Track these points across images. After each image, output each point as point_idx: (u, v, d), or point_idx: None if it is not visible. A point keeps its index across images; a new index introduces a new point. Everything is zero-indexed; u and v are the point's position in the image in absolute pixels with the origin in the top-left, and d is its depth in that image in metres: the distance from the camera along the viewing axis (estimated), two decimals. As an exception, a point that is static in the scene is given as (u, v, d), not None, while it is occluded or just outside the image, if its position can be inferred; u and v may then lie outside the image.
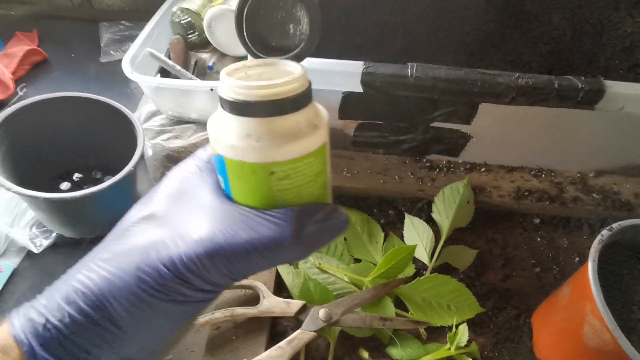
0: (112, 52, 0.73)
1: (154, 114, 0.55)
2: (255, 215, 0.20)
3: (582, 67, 0.60)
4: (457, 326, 0.38)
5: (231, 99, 0.19)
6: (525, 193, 0.48)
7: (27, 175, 0.43)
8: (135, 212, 0.22)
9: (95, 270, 0.19)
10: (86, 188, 0.50)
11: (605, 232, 0.32)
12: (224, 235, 0.19)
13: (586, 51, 0.61)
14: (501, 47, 0.62)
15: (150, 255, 0.19)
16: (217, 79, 0.55)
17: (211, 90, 0.44)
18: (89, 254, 0.21)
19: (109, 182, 0.39)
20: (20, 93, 0.64)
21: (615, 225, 0.32)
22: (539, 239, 0.49)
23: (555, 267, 0.47)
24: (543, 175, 0.51)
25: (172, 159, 0.50)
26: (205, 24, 0.51)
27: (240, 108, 0.19)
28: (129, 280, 0.19)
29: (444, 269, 0.45)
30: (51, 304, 0.19)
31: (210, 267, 0.19)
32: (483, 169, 0.51)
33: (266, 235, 0.19)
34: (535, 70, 0.61)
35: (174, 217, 0.21)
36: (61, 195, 0.37)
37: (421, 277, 0.42)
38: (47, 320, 0.18)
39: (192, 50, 0.56)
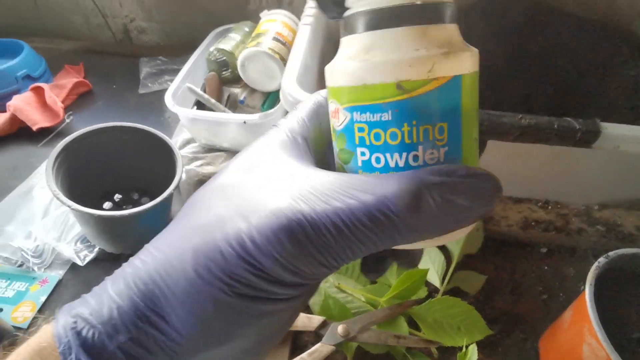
0: (149, 85, 0.79)
1: (188, 142, 0.60)
2: (357, 179, 0.16)
3: (586, 107, 0.63)
4: (467, 347, 0.41)
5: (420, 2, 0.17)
6: (532, 223, 0.51)
7: (77, 194, 0.49)
8: (204, 186, 0.18)
9: (152, 253, 0.16)
10: (125, 208, 0.55)
11: (602, 260, 0.35)
12: (309, 204, 0.15)
13: (590, 92, 0.65)
14: (508, 85, 0.66)
15: (213, 232, 0.15)
16: (248, 112, 0.61)
17: (244, 122, 0.49)
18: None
19: (152, 203, 0.44)
20: (68, 120, 0.70)
21: (611, 254, 0.35)
22: (546, 267, 0.51)
23: (561, 294, 0.49)
24: (549, 207, 0.54)
25: (203, 184, 0.55)
26: (239, 63, 0.57)
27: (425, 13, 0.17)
28: (184, 266, 0.15)
29: (454, 292, 0.47)
30: (100, 294, 0.16)
31: (291, 247, 0.14)
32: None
33: (368, 201, 0.15)
34: (541, 108, 0.65)
35: (247, 186, 0.16)
36: (111, 213, 0.42)
37: (433, 299, 0.45)
38: (91, 314, 0.15)
39: (225, 85, 0.62)
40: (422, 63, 0.16)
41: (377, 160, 0.17)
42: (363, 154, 0.18)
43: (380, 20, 0.17)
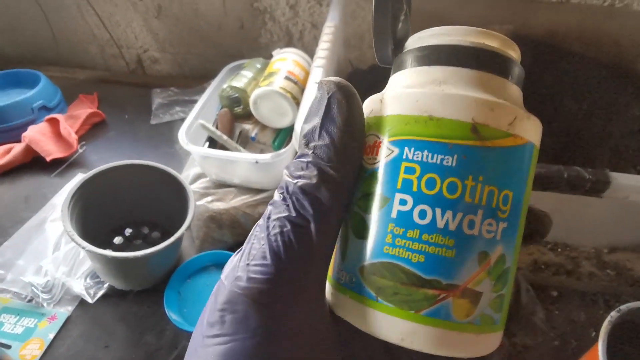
0: (161, 115, 0.81)
1: (199, 177, 0.61)
2: None
3: (593, 147, 0.64)
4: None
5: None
6: (542, 266, 0.51)
7: (90, 229, 0.49)
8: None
9: None
10: (135, 242, 0.55)
11: (614, 314, 0.35)
12: None
13: (597, 132, 0.66)
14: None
15: None
16: (259, 148, 0.62)
17: (256, 162, 0.50)
18: None
19: (164, 245, 0.44)
20: (80, 150, 0.72)
21: (623, 308, 0.35)
22: (557, 312, 0.51)
23: (573, 340, 0.48)
24: (559, 249, 0.54)
25: (215, 219, 0.56)
26: (251, 101, 0.58)
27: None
28: None
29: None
30: None
31: None
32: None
33: None
34: (548, 147, 0.66)
35: None
36: (125, 254, 0.42)
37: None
38: None
39: (237, 121, 0.63)
40: (505, 112, 0.14)
41: (422, 214, 0.14)
42: (404, 202, 0.15)
43: (458, 57, 0.15)
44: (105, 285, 0.51)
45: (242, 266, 0.15)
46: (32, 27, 0.90)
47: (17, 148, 0.67)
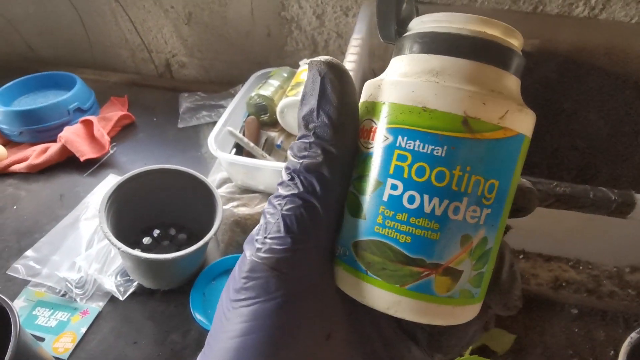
0: (187, 119, 0.83)
1: (225, 181, 0.63)
2: None
3: (617, 165, 0.64)
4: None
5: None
6: (563, 284, 0.51)
7: (122, 230, 0.51)
8: None
9: None
10: (163, 243, 0.58)
11: (634, 335, 0.35)
12: None
13: (622, 149, 0.65)
14: (539, 140, 0.67)
15: None
16: (284, 156, 0.64)
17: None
18: None
19: (192, 248, 0.46)
20: (111, 152, 0.74)
21: (646, 330, 0.35)
22: (576, 330, 0.51)
23: (591, 359, 0.48)
24: (580, 267, 0.54)
25: (239, 224, 0.57)
26: (278, 109, 0.60)
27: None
28: None
29: (482, 350, 0.47)
30: None
31: None
32: (521, 256, 0.55)
33: None
34: (571, 163, 0.66)
35: None
36: (157, 256, 0.44)
37: (461, 357, 0.45)
38: None
39: (263, 129, 0.65)
40: (497, 106, 0.15)
41: (411, 199, 0.15)
42: (394, 187, 0.16)
43: (456, 47, 0.16)
44: (135, 284, 0.53)
45: (261, 239, 0.17)
46: (68, 30, 0.94)
47: (53, 148, 0.70)
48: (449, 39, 0.16)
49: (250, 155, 0.61)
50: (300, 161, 0.17)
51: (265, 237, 0.17)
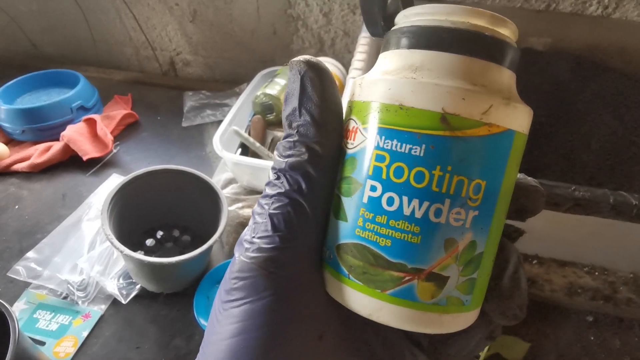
0: (192, 118, 0.82)
1: (230, 182, 0.62)
2: None
3: (632, 166, 0.62)
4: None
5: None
6: (579, 290, 0.50)
7: (124, 231, 0.50)
8: None
9: None
10: (166, 245, 0.56)
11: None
12: None
13: (637, 151, 0.63)
14: (550, 140, 0.66)
15: None
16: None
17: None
18: None
19: (196, 252, 0.45)
20: (114, 150, 0.73)
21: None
22: (592, 338, 0.49)
23: (608, 369, 0.47)
24: (596, 273, 0.52)
25: (245, 226, 0.56)
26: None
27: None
28: None
29: (495, 359, 0.46)
30: None
31: None
32: (535, 261, 0.53)
33: None
34: (585, 165, 0.64)
35: None
36: (160, 260, 0.43)
37: (473, 367, 0.43)
38: None
39: (268, 128, 0.63)
40: (479, 101, 0.14)
41: (390, 201, 0.15)
42: (374, 188, 0.15)
43: (436, 40, 0.15)
44: (138, 287, 0.52)
45: (249, 239, 0.17)
46: (72, 28, 0.93)
47: (56, 146, 0.69)
48: (428, 32, 0.15)
49: (256, 155, 0.60)
50: (286, 160, 0.17)
51: (254, 237, 0.16)
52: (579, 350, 0.48)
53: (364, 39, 0.59)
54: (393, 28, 0.17)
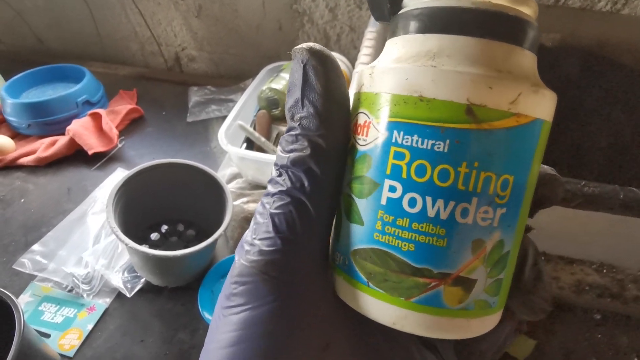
0: (197, 113, 0.82)
1: (235, 177, 0.62)
2: None
3: (642, 163, 0.61)
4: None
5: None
6: (586, 288, 0.49)
7: (129, 225, 0.50)
8: None
9: None
10: (171, 239, 0.56)
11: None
12: None
13: (647, 148, 0.63)
14: (559, 136, 0.65)
15: None
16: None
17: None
18: None
19: (201, 246, 0.45)
20: (119, 145, 0.73)
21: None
22: (599, 335, 0.49)
23: (616, 367, 0.46)
24: (604, 271, 0.52)
25: (249, 220, 0.56)
26: (290, 104, 0.58)
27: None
28: None
29: (502, 356, 0.45)
30: None
31: None
32: (542, 259, 0.52)
33: None
34: (593, 161, 0.63)
35: None
36: (165, 253, 0.43)
37: (479, 363, 0.43)
38: None
39: (274, 123, 0.63)
40: (507, 89, 0.13)
41: (412, 202, 0.14)
42: (393, 189, 0.14)
43: (456, 22, 0.13)
44: (142, 280, 0.52)
45: (249, 241, 0.16)
46: (78, 23, 0.93)
47: (61, 141, 0.69)
48: (445, 14, 0.13)
49: (261, 150, 0.59)
50: (288, 155, 0.15)
51: (254, 239, 0.15)
52: (586, 348, 0.48)
53: (371, 33, 0.59)
54: (402, 11, 0.15)
